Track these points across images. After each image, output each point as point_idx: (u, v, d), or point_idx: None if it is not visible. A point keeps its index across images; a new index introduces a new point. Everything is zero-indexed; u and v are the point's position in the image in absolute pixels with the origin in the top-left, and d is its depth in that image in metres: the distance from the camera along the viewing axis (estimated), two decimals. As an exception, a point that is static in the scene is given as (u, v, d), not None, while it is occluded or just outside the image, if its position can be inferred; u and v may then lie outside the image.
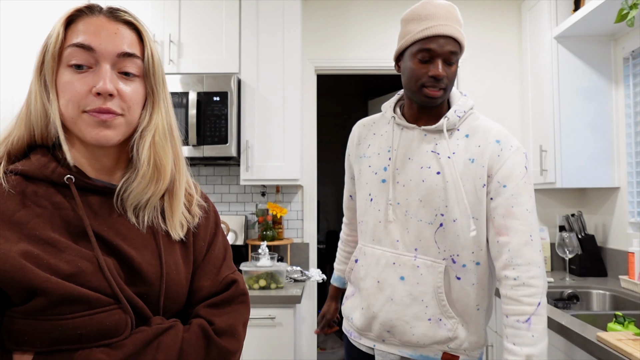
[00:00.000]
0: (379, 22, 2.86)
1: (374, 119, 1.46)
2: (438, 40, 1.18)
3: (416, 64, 1.21)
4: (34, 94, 0.74)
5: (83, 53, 0.72)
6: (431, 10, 1.19)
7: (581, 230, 2.52)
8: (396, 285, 1.24)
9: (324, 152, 4.62)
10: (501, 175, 1.18)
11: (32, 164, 0.74)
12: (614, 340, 1.33)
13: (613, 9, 2.01)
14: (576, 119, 2.38)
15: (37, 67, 0.74)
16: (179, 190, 0.82)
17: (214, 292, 0.83)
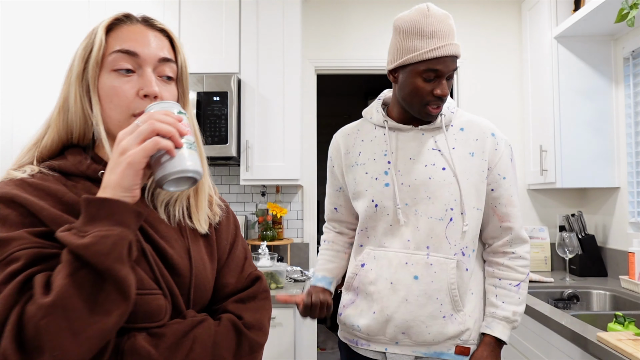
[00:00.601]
0: (379, 22, 2.86)
1: (355, 126, 1.43)
2: (445, 61, 1.19)
3: (421, 83, 1.21)
4: (73, 98, 0.76)
5: (128, 58, 0.76)
6: (436, 27, 1.18)
7: (581, 230, 2.52)
8: (410, 285, 1.25)
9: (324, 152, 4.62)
10: (500, 168, 1.30)
11: (68, 161, 0.77)
12: (614, 340, 1.33)
13: (613, 9, 2.01)
14: (576, 119, 2.38)
15: (77, 74, 0.76)
16: (204, 187, 0.86)
17: (239, 288, 0.87)
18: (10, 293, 0.59)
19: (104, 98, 0.75)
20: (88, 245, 0.59)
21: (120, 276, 0.61)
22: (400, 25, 1.23)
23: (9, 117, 2.46)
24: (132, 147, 0.64)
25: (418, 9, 1.22)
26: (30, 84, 2.47)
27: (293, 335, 2.11)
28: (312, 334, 2.71)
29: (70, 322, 0.58)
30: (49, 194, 0.71)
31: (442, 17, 1.20)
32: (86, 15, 2.46)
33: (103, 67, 0.76)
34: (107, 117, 0.76)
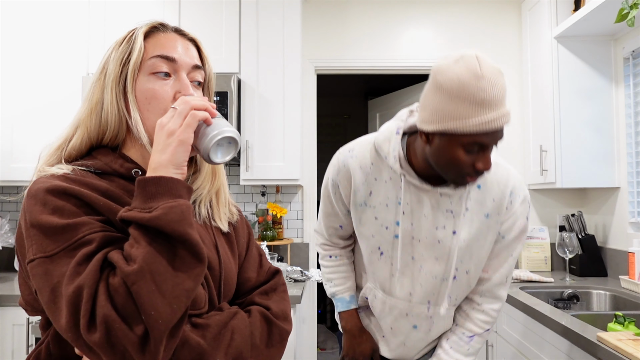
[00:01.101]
0: (379, 22, 2.86)
1: (370, 159, 1.25)
2: (495, 134, 1.03)
3: (462, 155, 1.05)
4: (109, 100, 0.79)
5: (167, 63, 0.80)
6: (489, 93, 0.99)
7: (581, 230, 2.52)
8: (409, 332, 1.31)
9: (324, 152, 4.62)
10: (504, 228, 1.23)
11: (100, 161, 0.80)
12: (614, 340, 1.33)
13: (613, 9, 2.01)
14: (576, 119, 2.38)
15: (116, 77, 0.79)
16: (224, 188, 0.93)
17: (261, 282, 0.93)
18: (94, 269, 0.64)
19: (141, 100, 0.79)
20: (160, 216, 0.65)
21: (194, 240, 0.66)
22: (444, 83, 1.02)
23: (9, 117, 2.46)
24: (177, 128, 0.71)
25: (467, 65, 1.00)
26: (30, 84, 2.46)
27: (293, 335, 2.11)
28: (312, 334, 2.71)
29: (157, 284, 0.63)
30: (93, 188, 0.73)
31: (495, 79, 1.00)
32: (86, 15, 2.46)
33: (141, 70, 0.80)
34: (145, 119, 0.79)
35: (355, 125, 5.10)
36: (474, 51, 1.03)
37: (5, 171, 2.43)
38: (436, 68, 1.05)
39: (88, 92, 0.82)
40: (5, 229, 2.41)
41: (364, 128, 4.83)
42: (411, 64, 2.85)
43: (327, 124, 4.87)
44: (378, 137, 1.22)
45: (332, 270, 1.43)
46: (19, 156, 2.43)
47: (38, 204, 0.69)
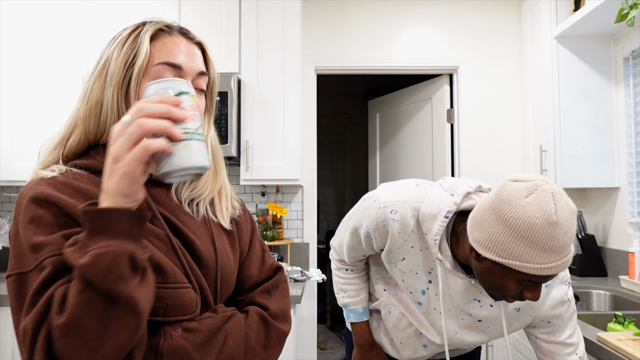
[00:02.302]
0: (379, 22, 2.86)
1: (412, 226, 1.15)
2: (550, 276, 0.94)
3: (513, 285, 0.97)
4: (110, 102, 0.77)
5: (172, 70, 0.79)
6: (560, 240, 0.89)
7: (581, 230, 2.52)
8: (418, 349, 1.29)
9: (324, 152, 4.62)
10: (545, 315, 1.17)
11: (95, 160, 0.79)
12: (614, 340, 1.33)
13: (613, 9, 2.01)
14: (576, 119, 2.38)
15: (119, 80, 0.77)
16: (227, 187, 0.92)
17: (263, 279, 0.91)
18: (40, 310, 0.60)
19: None
20: (87, 266, 0.58)
21: (124, 294, 0.59)
22: (511, 219, 0.91)
23: (9, 117, 2.46)
24: (124, 154, 0.60)
25: (542, 207, 0.89)
26: (31, 84, 2.47)
27: (293, 335, 2.11)
28: (312, 334, 2.71)
29: (85, 340, 0.58)
30: (80, 192, 0.73)
31: (569, 225, 0.90)
32: (86, 15, 2.46)
33: (145, 75, 0.78)
34: None
35: (355, 125, 5.10)
36: (549, 185, 0.92)
37: (5, 171, 2.43)
38: (504, 196, 0.93)
39: (86, 89, 0.80)
40: (5, 229, 2.42)
41: (364, 128, 4.83)
42: (411, 64, 2.85)
43: (327, 124, 4.86)
44: (425, 208, 1.11)
45: (346, 282, 1.40)
46: (19, 156, 2.43)
47: (21, 213, 0.69)
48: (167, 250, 0.75)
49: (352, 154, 5.12)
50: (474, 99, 2.83)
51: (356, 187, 5.03)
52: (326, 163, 4.89)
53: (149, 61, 0.78)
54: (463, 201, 1.07)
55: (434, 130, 2.99)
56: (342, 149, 5.15)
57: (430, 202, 1.09)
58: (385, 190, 1.21)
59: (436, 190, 1.11)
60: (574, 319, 1.19)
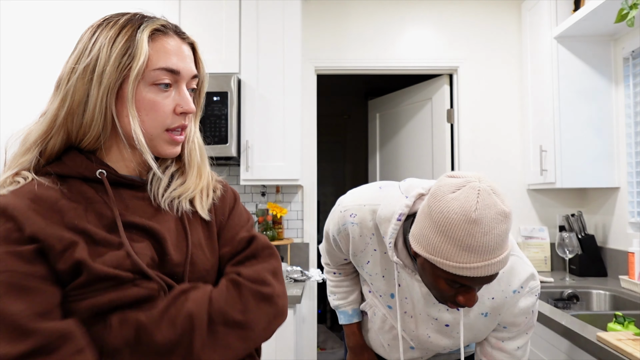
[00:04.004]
0: (379, 22, 2.86)
1: (372, 229, 1.15)
2: (480, 279, 0.91)
3: (444, 285, 0.95)
4: (99, 105, 0.75)
5: (170, 75, 0.78)
6: (479, 240, 0.86)
7: (581, 230, 2.52)
8: (406, 350, 1.27)
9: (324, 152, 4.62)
10: (506, 321, 1.13)
11: (65, 164, 0.77)
12: (614, 340, 1.33)
13: (613, 9, 2.01)
14: (576, 119, 2.38)
15: (111, 82, 0.74)
16: (210, 184, 0.90)
17: (233, 253, 0.85)
18: None
19: (139, 110, 0.77)
20: None
21: None
22: (434, 211, 0.90)
23: (9, 117, 2.46)
24: None
25: (463, 202, 0.87)
26: (30, 84, 2.46)
27: (293, 335, 2.11)
28: (312, 334, 2.71)
29: None
30: (41, 200, 0.72)
31: (491, 225, 0.86)
32: (86, 16, 2.46)
33: (142, 79, 0.76)
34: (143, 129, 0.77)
35: (355, 125, 5.09)
36: (483, 183, 0.88)
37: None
38: (434, 190, 0.92)
39: (66, 86, 0.75)
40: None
41: (364, 128, 4.83)
42: (411, 64, 2.85)
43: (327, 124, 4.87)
44: (381, 211, 1.09)
45: (335, 284, 1.41)
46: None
47: None
48: (123, 257, 0.72)
49: (352, 154, 5.12)
50: (474, 99, 2.83)
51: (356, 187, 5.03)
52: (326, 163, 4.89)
53: (147, 64, 0.76)
54: (416, 203, 1.04)
55: (434, 130, 3.00)
56: (342, 149, 5.15)
57: (386, 205, 1.08)
58: (348, 194, 1.23)
59: (394, 192, 1.09)
60: (529, 334, 1.15)
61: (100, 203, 0.76)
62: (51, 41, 2.47)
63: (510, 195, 2.79)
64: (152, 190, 0.82)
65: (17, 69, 2.48)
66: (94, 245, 0.72)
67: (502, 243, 0.88)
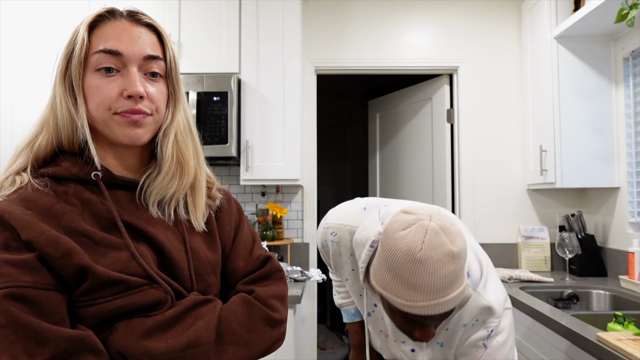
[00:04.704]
0: (379, 22, 2.86)
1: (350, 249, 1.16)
2: (431, 317, 0.90)
3: (399, 320, 0.96)
4: (58, 99, 0.75)
5: (111, 58, 0.74)
6: (424, 280, 0.85)
7: (581, 230, 2.52)
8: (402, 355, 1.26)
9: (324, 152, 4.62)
10: (460, 354, 1.10)
11: (60, 166, 0.76)
12: (614, 340, 1.33)
13: (613, 9, 2.01)
14: (576, 119, 2.38)
15: (61, 73, 0.75)
16: (201, 184, 0.85)
17: (249, 271, 0.86)
18: None
19: (87, 98, 0.75)
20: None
21: None
22: (384, 247, 0.91)
23: (9, 117, 2.46)
24: None
25: (410, 241, 0.87)
26: (31, 84, 2.47)
27: (293, 335, 2.11)
28: (312, 334, 2.71)
29: None
30: (36, 206, 0.71)
31: (437, 266, 0.85)
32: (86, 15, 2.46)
33: (87, 66, 0.74)
34: (92, 117, 0.75)
35: (355, 125, 5.10)
36: (433, 222, 0.88)
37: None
38: (387, 225, 0.93)
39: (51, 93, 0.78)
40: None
41: (364, 128, 4.83)
42: (411, 64, 2.85)
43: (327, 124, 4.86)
44: (358, 234, 1.08)
45: (338, 284, 1.42)
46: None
47: None
48: (128, 258, 0.72)
49: (352, 154, 5.12)
50: (474, 99, 2.83)
51: (356, 187, 5.03)
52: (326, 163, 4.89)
53: (88, 50, 0.74)
54: None
55: (434, 130, 3.00)
56: (342, 149, 5.15)
57: (362, 229, 1.07)
58: (333, 211, 1.24)
59: (373, 217, 1.09)
60: None
61: (97, 204, 0.75)
62: (51, 41, 2.47)
63: (510, 195, 2.79)
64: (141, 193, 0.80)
65: (17, 70, 2.47)
66: (95, 246, 0.71)
67: (451, 283, 0.87)
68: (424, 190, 3.05)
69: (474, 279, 1.05)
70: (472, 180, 2.80)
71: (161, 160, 0.80)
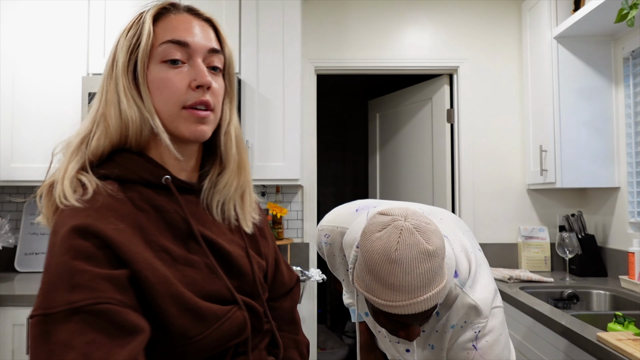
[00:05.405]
0: (379, 22, 2.86)
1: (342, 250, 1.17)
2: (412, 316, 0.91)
3: (383, 320, 0.96)
4: (123, 92, 0.70)
5: (179, 49, 0.72)
6: (400, 279, 0.86)
7: (581, 230, 2.52)
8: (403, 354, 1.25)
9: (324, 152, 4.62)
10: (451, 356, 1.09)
11: (124, 167, 0.71)
12: (614, 340, 1.33)
13: (613, 9, 2.01)
14: (576, 119, 2.38)
15: (124, 65, 0.71)
16: (251, 184, 0.85)
17: (291, 286, 0.96)
18: None
19: (153, 91, 0.71)
20: None
21: None
22: (363, 252, 0.92)
23: (9, 117, 2.46)
24: None
25: (385, 242, 0.88)
26: (30, 84, 2.46)
27: (293, 335, 2.11)
28: (312, 334, 2.71)
29: None
30: (122, 216, 0.65)
31: (412, 265, 0.86)
32: (86, 15, 2.46)
33: (152, 58, 0.72)
34: (158, 111, 0.72)
35: (355, 125, 5.09)
36: (408, 222, 0.89)
37: (5, 171, 2.43)
38: (365, 226, 0.94)
39: (101, 88, 0.74)
40: (5, 229, 2.41)
41: (364, 128, 4.83)
42: (411, 64, 2.85)
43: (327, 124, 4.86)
44: (347, 235, 1.10)
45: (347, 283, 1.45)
46: (19, 156, 2.43)
47: (57, 244, 0.60)
48: (209, 277, 0.69)
49: (352, 154, 5.12)
50: (474, 99, 2.83)
51: (356, 187, 5.03)
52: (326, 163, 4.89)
53: (154, 42, 0.72)
54: None
55: (434, 130, 3.00)
56: (342, 149, 5.15)
57: (351, 230, 1.09)
58: (329, 214, 1.26)
59: (361, 219, 1.10)
60: None
61: (170, 212, 0.71)
62: (51, 40, 2.47)
63: (510, 195, 2.79)
64: (205, 195, 0.77)
65: (17, 69, 2.47)
66: (173, 263, 0.67)
67: (429, 281, 0.87)
68: (424, 190, 3.05)
69: (462, 279, 1.05)
70: (472, 180, 2.80)
71: (225, 160, 0.79)
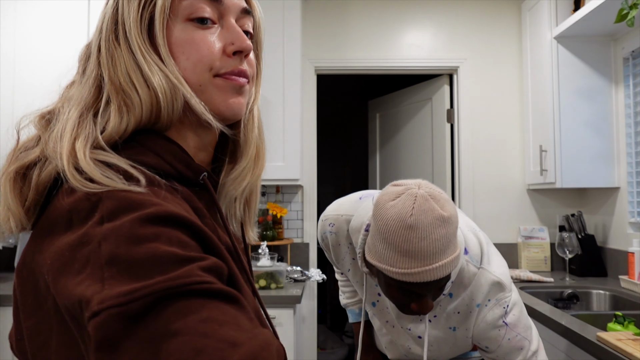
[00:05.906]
0: (379, 22, 2.86)
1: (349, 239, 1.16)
2: (427, 285, 0.90)
3: (396, 292, 0.95)
4: (140, 53, 0.53)
5: (209, 4, 0.55)
6: (416, 245, 0.86)
7: (581, 230, 2.52)
8: (407, 352, 1.23)
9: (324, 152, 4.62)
10: (479, 337, 1.08)
11: (159, 156, 0.53)
12: (614, 340, 1.33)
13: (613, 9, 2.01)
14: (576, 119, 2.38)
15: (135, 22, 0.53)
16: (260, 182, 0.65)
17: None
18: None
19: (177, 55, 0.54)
20: None
21: None
22: (376, 218, 0.91)
23: (9, 117, 2.46)
24: None
25: (400, 209, 0.88)
26: (30, 84, 2.46)
27: (293, 335, 2.11)
28: (312, 334, 2.71)
29: None
30: (187, 212, 0.49)
31: (428, 230, 0.86)
32: (86, 15, 2.46)
33: (172, 14, 0.54)
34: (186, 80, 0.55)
35: (355, 125, 5.09)
36: (422, 189, 0.89)
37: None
38: (378, 198, 0.93)
39: (95, 48, 0.56)
40: (5, 229, 2.41)
41: (364, 128, 4.83)
42: (411, 64, 2.85)
43: (327, 124, 4.86)
44: (353, 221, 1.10)
45: (343, 284, 1.43)
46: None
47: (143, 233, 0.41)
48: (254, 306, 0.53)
49: (352, 154, 5.12)
50: (474, 99, 2.83)
51: (356, 187, 5.03)
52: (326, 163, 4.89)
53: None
54: None
55: (434, 130, 3.00)
56: (342, 149, 5.15)
57: (357, 216, 1.09)
58: (332, 204, 1.25)
59: (367, 203, 1.09)
60: (524, 349, 1.05)
61: (206, 218, 0.54)
62: (51, 41, 2.47)
63: (510, 195, 2.79)
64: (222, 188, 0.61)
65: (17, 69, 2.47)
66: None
67: (444, 248, 0.88)
68: (424, 190, 3.04)
69: (474, 256, 1.05)
70: (472, 180, 2.80)
71: (243, 145, 0.61)
